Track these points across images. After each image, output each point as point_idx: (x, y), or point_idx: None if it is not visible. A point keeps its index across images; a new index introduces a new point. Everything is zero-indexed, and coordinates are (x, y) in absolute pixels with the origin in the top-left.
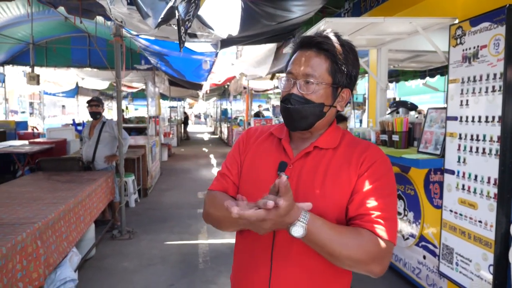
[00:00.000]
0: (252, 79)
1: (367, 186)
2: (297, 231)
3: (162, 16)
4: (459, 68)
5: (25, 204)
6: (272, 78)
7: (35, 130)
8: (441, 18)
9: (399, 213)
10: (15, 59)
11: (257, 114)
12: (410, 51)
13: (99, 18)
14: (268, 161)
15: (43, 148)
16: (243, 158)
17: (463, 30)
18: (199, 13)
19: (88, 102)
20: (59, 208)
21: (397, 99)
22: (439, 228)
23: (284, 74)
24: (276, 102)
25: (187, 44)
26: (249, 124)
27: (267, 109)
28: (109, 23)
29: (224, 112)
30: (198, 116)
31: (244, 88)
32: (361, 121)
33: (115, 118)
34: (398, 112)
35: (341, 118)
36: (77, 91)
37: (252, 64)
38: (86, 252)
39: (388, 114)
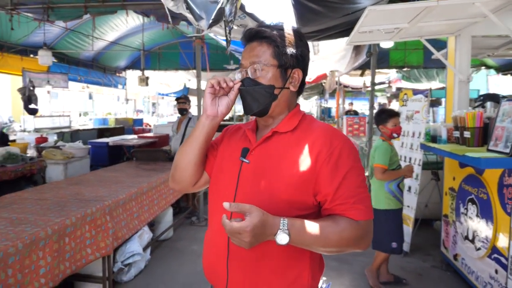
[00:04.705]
0: (340, 75)
1: (337, 175)
2: (282, 239)
3: (212, 17)
4: None
5: (107, 185)
6: (362, 74)
7: (147, 127)
8: None
9: (471, 219)
10: (135, 64)
11: (353, 112)
12: (501, 36)
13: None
14: (233, 150)
15: (148, 141)
16: (217, 150)
17: None
18: (250, 11)
19: (177, 99)
20: (131, 191)
21: None
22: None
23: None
24: (383, 99)
25: None
26: (341, 120)
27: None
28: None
29: (324, 111)
30: None
31: (340, 84)
32: None
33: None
34: (484, 107)
35: (393, 113)
36: (187, 91)
37: (332, 60)
38: (161, 233)
39: (474, 109)
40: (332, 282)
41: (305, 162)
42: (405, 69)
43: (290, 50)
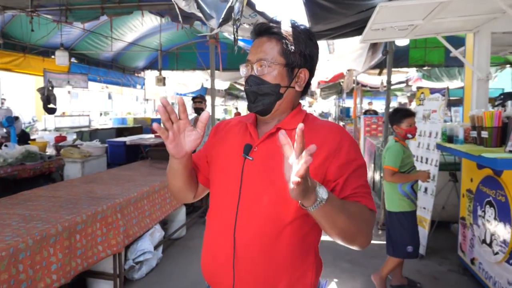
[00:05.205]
0: (357, 74)
1: (347, 170)
2: (324, 193)
3: (222, 16)
4: None
5: (120, 183)
6: (380, 73)
7: None
8: None
9: (489, 222)
10: (153, 65)
11: (372, 112)
12: None
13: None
14: (234, 145)
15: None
16: (209, 149)
17: None
18: (261, 10)
19: (193, 99)
20: (143, 189)
21: None
22: None
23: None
24: (403, 99)
25: None
26: (359, 120)
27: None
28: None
29: (342, 110)
30: (322, 115)
31: (358, 84)
32: None
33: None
34: (504, 106)
35: (408, 113)
36: (205, 91)
37: (349, 59)
38: (174, 232)
39: (494, 108)
40: (344, 285)
41: (317, 162)
42: (425, 68)
43: (299, 49)
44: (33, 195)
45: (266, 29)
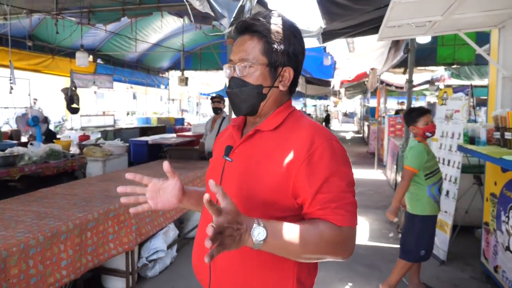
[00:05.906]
0: (380, 73)
1: (317, 179)
2: (260, 233)
3: (234, 15)
4: None
5: (136, 182)
6: (404, 72)
7: (189, 126)
8: None
9: None
10: (177, 65)
11: (401, 111)
12: None
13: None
14: (221, 148)
15: (185, 140)
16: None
17: None
18: (274, 9)
19: (212, 98)
20: None
21: None
22: None
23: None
24: (432, 99)
25: None
26: (383, 120)
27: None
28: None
29: (367, 110)
30: (347, 115)
31: (382, 83)
32: None
33: None
34: None
35: (422, 111)
36: None
37: (371, 58)
38: (189, 231)
39: None
40: None
41: (283, 163)
42: (454, 66)
43: (282, 47)
44: (50, 193)
45: (248, 27)
